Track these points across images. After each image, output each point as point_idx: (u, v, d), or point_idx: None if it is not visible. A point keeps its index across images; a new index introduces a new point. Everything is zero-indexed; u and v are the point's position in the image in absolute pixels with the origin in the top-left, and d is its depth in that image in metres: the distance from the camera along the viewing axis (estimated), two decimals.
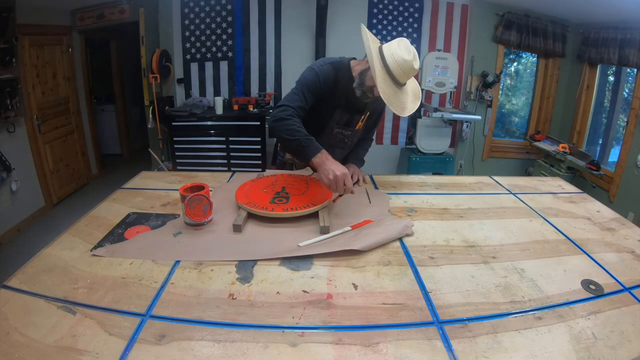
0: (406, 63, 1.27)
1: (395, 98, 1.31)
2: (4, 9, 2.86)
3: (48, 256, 0.99)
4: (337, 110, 1.51)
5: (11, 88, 2.98)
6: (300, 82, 1.42)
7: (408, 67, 1.28)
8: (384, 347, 0.73)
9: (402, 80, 1.31)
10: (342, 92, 1.45)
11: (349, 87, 1.42)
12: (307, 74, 1.44)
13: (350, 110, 1.53)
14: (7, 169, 3.00)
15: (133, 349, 0.70)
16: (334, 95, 1.46)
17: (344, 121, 1.56)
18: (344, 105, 1.50)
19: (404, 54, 1.27)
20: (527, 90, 4.56)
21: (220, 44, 3.90)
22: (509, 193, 1.55)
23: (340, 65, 1.45)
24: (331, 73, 1.44)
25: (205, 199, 1.12)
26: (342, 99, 1.48)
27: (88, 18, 3.91)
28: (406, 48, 1.29)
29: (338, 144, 1.62)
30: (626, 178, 3.32)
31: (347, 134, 1.60)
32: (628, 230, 1.27)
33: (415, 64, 1.28)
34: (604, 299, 0.90)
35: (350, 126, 1.58)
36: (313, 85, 1.41)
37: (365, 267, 0.99)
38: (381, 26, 3.95)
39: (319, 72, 1.42)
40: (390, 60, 1.28)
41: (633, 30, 3.17)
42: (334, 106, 1.50)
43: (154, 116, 3.66)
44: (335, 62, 1.46)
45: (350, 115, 1.55)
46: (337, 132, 1.58)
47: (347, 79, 1.42)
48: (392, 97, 1.30)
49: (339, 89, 1.45)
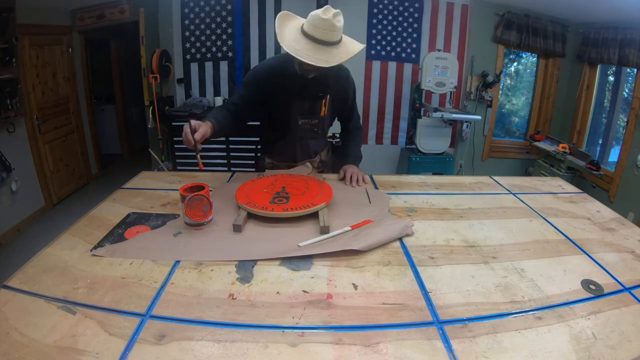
0: (313, 16, 1.27)
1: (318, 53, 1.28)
2: (4, 9, 2.87)
3: (48, 256, 0.99)
4: (293, 100, 1.54)
5: (11, 88, 2.98)
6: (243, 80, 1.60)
7: (316, 18, 1.27)
8: (384, 347, 0.73)
9: (323, 37, 1.28)
10: (292, 81, 1.48)
11: (300, 76, 1.43)
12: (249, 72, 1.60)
13: (308, 96, 1.55)
14: (7, 169, 3.00)
15: (133, 349, 0.70)
16: (285, 86, 1.50)
17: (305, 110, 1.58)
18: (299, 94, 1.53)
19: (318, 12, 1.27)
20: (527, 90, 4.56)
21: (220, 44, 3.90)
22: (509, 193, 1.55)
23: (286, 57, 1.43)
24: (274, 65, 1.53)
25: (205, 199, 1.12)
26: (295, 88, 1.50)
27: (88, 18, 3.92)
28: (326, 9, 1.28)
29: (308, 135, 1.65)
30: (626, 178, 3.32)
31: (314, 122, 1.62)
32: (628, 230, 1.27)
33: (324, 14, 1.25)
34: (604, 299, 0.90)
35: (314, 114, 1.60)
36: (248, 80, 1.57)
37: (365, 267, 0.99)
38: (381, 26, 3.96)
39: (257, 67, 1.59)
40: (305, 24, 1.31)
41: (633, 30, 3.17)
42: (288, 97, 1.53)
43: (154, 116, 3.65)
44: (281, 56, 1.53)
45: (310, 103, 1.57)
46: (303, 122, 1.60)
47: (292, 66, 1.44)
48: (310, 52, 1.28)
49: (288, 79, 1.48)
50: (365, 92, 4.09)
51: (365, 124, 4.22)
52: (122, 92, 5.15)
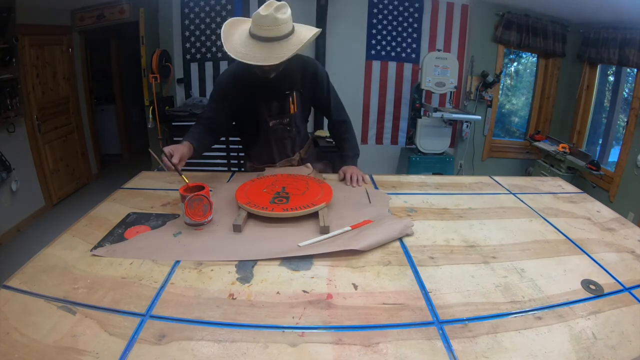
0: (255, 15, 1.25)
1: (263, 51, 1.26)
2: (4, 9, 2.87)
3: (48, 256, 0.99)
4: (260, 102, 1.52)
5: (11, 88, 2.98)
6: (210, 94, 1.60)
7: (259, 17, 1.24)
8: (384, 347, 0.73)
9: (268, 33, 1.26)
10: (254, 84, 1.47)
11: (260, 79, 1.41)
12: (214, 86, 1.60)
13: (274, 96, 1.53)
14: (7, 169, 3.00)
15: (133, 349, 0.70)
16: (250, 89, 1.48)
17: (274, 110, 1.56)
18: (264, 95, 1.51)
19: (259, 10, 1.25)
20: (527, 90, 4.56)
21: (220, 44, 3.88)
22: (509, 193, 1.55)
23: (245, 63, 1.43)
24: (234, 71, 1.51)
25: (205, 199, 1.12)
26: (258, 90, 1.49)
27: (88, 18, 3.91)
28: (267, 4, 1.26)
29: (283, 136, 1.62)
30: (626, 178, 3.32)
31: (286, 121, 1.59)
32: (628, 230, 1.27)
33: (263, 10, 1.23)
34: (604, 299, 0.90)
35: (285, 113, 1.57)
36: (215, 92, 1.58)
37: (365, 267, 0.99)
38: (381, 26, 3.95)
39: (220, 78, 1.57)
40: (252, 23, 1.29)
41: (633, 30, 3.17)
42: (254, 100, 1.51)
43: (154, 116, 3.65)
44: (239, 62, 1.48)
45: (278, 102, 1.55)
46: (274, 123, 1.58)
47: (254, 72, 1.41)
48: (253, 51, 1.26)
49: (250, 83, 1.46)
50: (365, 92, 4.09)
51: (366, 124, 4.22)
52: (122, 92, 5.15)
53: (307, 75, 1.58)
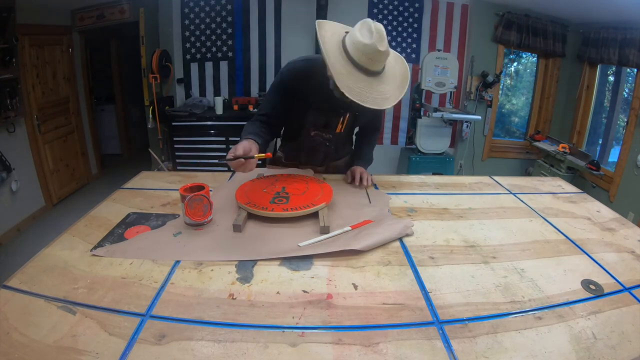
0: (367, 47, 1.10)
1: (371, 89, 1.15)
2: (4, 9, 2.87)
3: (48, 256, 0.99)
4: (309, 111, 1.42)
5: (11, 88, 2.98)
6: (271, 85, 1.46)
7: (371, 51, 1.10)
8: (384, 347, 0.73)
9: (373, 67, 1.14)
10: (315, 90, 1.33)
11: (325, 87, 1.26)
12: (277, 77, 1.43)
13: (325, 111, 1.42)
14: (7, 169, 3.00)
15: (133, 349, 0.70)
16: (307, 94, 1.36)
17: (320, 123, 1.46)
18: (318, 106, 1.40)
19: (363, 38, 1.10)
20: (527, 90, 4.56)
21: (220, 44, 3.90)
22: (509, 193, 1.55)
23: (315, 62, 1.30)
24: (301, 69, 1.35)
25: (205, 199, 1.12)
26: (316, 98, 1.36)
27: (88, 18, 3.92)
28: (368, 30, 1.12)
29: (319, 147, 1.55)
30: (626, 178, 3.32)
31: (328, 137, 1.51)
32: (628, 230, 1.27)
33: (380, 45, 1.10)
34: (604, 299, 0.90)
35: (329, 129, 1.48)
36: (278, 85, 1.42)
37: (365, 267, 0.99)
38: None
39: (284, 71, 1.40)
40: (352, 49, 1.13)
41: (633, 30, 3.17)
42: (306, 107, 1.41)
43: (154, 116, 3.66)
44: (309, 58, 1.36)
45: (325, 117, 1.45)
46: (316, 133, 1.50)
47: (322, 77, 1.25)
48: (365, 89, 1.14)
49: (311, 86, 1.33)
50: None
51: None
52: (122, 92, 5.15)
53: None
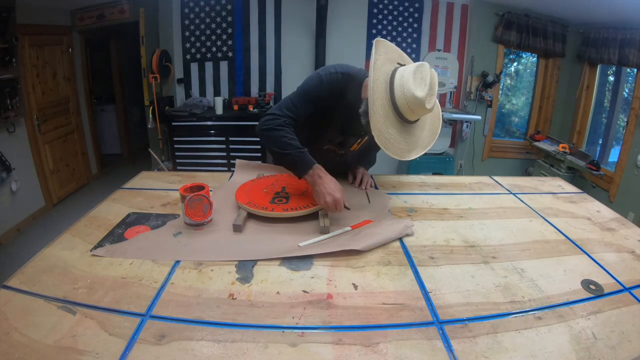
0: (416, 100, 1.02)
1: (400, 137, 1.10)
2: (4, 9, 2.87)
3: (48, 256, 0.99)
4: (329, 129, 1.34)
5: (11, 88, 2.98)
6: (302, 87, 1.25)
7: (417, 105, 1.03)
8: (384, 347, 0.73)
9: (411, 118, 1.09)
10: (342, 110, 1.26)
11: (352, 108, 1.17)
12: (311, 80, 1.24)
13: (347, 132, 1.35)
14: (7, 169, 3.00)
15: (133, 349, 0.70)
16: (334, 108, 1.27)
17: (336, 140, 1.40)
18: (339, 126, 1.32)
19: (415, 89, 1.02)
20: (527, 90, 4.56)
21: (220, 44, 3.90)
22: (509, 193, 1.55)
23: (353, 79, 1.21)
24: (340, 84, 1.22)
25: (205, 199, 1.12)
26: (340, 118, 1.29)
27: (88, 18, 3.91)
28: (422, 79, 1.04)
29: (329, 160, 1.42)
30: (626, 178, 3.32)
31: (340, 152, 1.46)
32: (628, 230, 1.27)
33: (429, 103, 1.03)
34: (604, 299, 0.90)
35: (344, 147, 1.43)
36: (314, 93, 1.23)
37: (365, 267, 0.99)
38: (381, 26, 3.95)
39: (324, 80, 1.22)
40: (399, 93, 1.04)
41: (633, 30, 3.17)
42: (328, 124, 1.33)
43: (154, 116, 3.66)
44: (349, 73, 1.23)
45: (344, 138, 1.38)
46: (329, 148, 1.43)
47: (354, 97, 1.19)
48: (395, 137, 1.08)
49: (340, 104, 1.24)
50: None
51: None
52: (122, 92, 5.15)
53: None
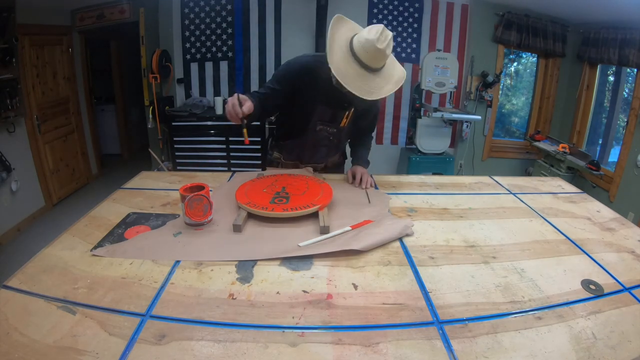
0: (368, 42, 1.22)
1: (362, 81, 1.26)
2: (4, 9, 2.87)
3: (48, 256, 0.99)
4: (318, 106, 1.51)
5: (11, 88, 2.98)
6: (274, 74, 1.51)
7: (370, 46, 1.22)
8: (384, 347, 0.73)
9: (372, 63, 1.25)
10: (322, 86, 1.43)
11: (329, 84, 1.38)
12: (282, 67, 1.51)
13: (333, 105, 1.51)
14: (7, 169, 3.00)
15: (133, 349, 0.70)
16: (314, 89, 1.45)
17: (327, 117, 1.55)
18: (325, 101, 1.49)
19: (368, 35, 1.23)
20: (527, 90, 4.56)
21: (220, 44, 3.90)
22: (509, 193, 1.55)
23: (322, 59, 1.38)
24: (310, 64, 1.44)
25: (205, 199, 1.12)
26: (323, 93, 1.46)
27: (88, 18, 3.92)
28: (376, 31, 1.23)
29: (323, 142, 1.62)
30: (626, 178, 3.32)
31: (332, 131, 1.59)
32: (628, 230, 1.27)
33: (380, 43, 1.22)
34: (604, 299, 0.90)
35: (334, 123, 1.56)
36: (281, 74, 1.49)
37: (365, 267, 0.99)
38: None
39: (291, 62, 1.48)
40: (356, 43, 1.26)
41: (633, 30, 3.17)
42: (314, 101, 1.49)
43: (154, 116, 3.66)
44: (317, 55, 1.47)
45: (333, 111, 1.53)
46: (321, 128, 1.57)
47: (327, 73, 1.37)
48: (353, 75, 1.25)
49: (319, 82, 1.43)
50: None
51: None
52: (122, 92, 5.15)
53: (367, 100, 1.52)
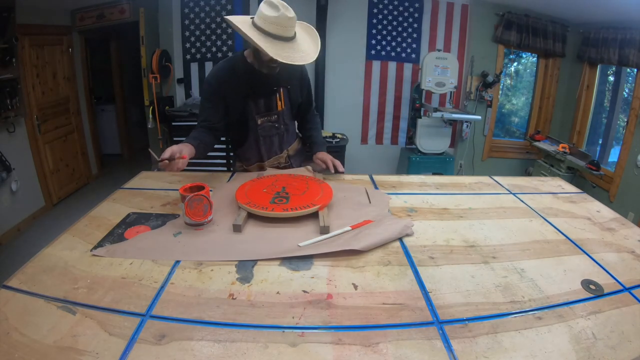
0: (278, 19, 1.27)
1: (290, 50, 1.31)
2: (4, 9, 2.87)
3: (48, 256, 0.99)
4: (249, 101, 1.54)
5: (11, 88, 2.98)
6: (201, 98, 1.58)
7: (283, 19, 1.27)
8: (384, 347, 0.73)
9: (287, 34, 1.30)
10: (244, 80, 1.49)
11: (250, 74, 1.47)
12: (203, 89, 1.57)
13: (262, 93, 1.55)
14: (7, 169, 3.00)
15: (133, 349, 0.70)
16: (238, 86, 1.50)
17: (262, 108, 1.58)
18: (253, 93, 1.53)
19: (266, 11, 1.27)
20: (527, 90, 4.56)
21: (220, 44, 3.90)
22: (509, 193, 1.55)
23: (234, 59, 1.51)
24: (225, 69, 1.51)
25: (205, 199, 1.12)
26: (248, 87, 1.51)
27: (88, 18, 3.92)
28: (271, 5, 1.28)
29: (270, 132, 1.64)
30: (626, 178, 3.32)
31: (274, 118, 1.61)
32: (628, 230, 1.27)
33: (288, 12, 1.27)
34: (604, 299, 0.90)
35: (272, 110, 1.59)
36: (206, 92, 1.55)
37: (365, 267, 0.99)
38: (381, 26, 3.95)
39: (209, 78, 1.54)
40: (264, 24, 1.28)
41: (633, 30, 3.17)
42: (243, 97, 1.53)
43: (154, 116, 3.65)
44: (228, 59, 1.54)
45: (264, 99, 1.57)
46: (262, 120, 1.59)
47: (245, 68, 1.48)
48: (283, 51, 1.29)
49: (240, 79, 1.49)
50: (365, 92, 4.09)
51: (366, 124, 4.22)
52: (122, 92, 5.15)
53: (294, 73, 1.60)
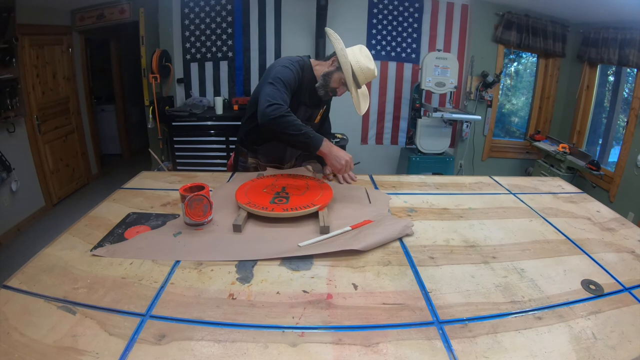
0: (369, 71, 1.45)
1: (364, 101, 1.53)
2: (4, 9, 2.87)
3: (48, 256, 0.99)
4: (301, 107, 1.59)
5: (11, 88, 2.98)
6: (280, 79, 1.42)
7: (371, 74, 1.46)
8: (384, 347, 0.73)
9: (363, 84, 1.50)
10: (305, 89, 1.55)
11: (311, 85, 1.55)
12: (285, 71, 1.45)
13: (312, 106, 1.64)
14: (7, 169, 3.00)
15: (133, 349, 0.70)
16: (300, 92, 1.55)
17: (306, 117, 1.64)
18: (307, 102, 1.59)
19: (368, 63, 1.44)
20: (527, 90, 4.56)
21: (220, 44, 3.90)
22: (509, 193, 1.55)
23: (303, 64, 1.55)
24: (300, 69, 1.53)
25: (205, 199, 1.12)
26: (306, 96, 1.57)
27: (88, 18, 3.91)
28: (368, 57, 1.45)
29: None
30: (626, 178, 3.32)
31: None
32: (628, 230, 1.27)
33: (376, 72, 1.49)
34: (604, 299, 0.91)
35: (310, 121, 1.68)
36: (292, 82, 1.46)
37: (365, 267, 0.99)
38: (381, 26, 3.95)
39: (293, 70, 1.47)
40: (356, 67, 1.44)
41: (633, 30, 3.17)
42: (298, 103, 1.57)
43: (154, 116, 3.65)
44: (300, 61, 1.55)
45: (311, 111, 1.66)
46: None
47: (310, 78, 1.55)
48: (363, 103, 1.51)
49: (303, 86, 1.54)
50: None
51: (365, 124, 4.22)
52: (122, 92, 5.15)
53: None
